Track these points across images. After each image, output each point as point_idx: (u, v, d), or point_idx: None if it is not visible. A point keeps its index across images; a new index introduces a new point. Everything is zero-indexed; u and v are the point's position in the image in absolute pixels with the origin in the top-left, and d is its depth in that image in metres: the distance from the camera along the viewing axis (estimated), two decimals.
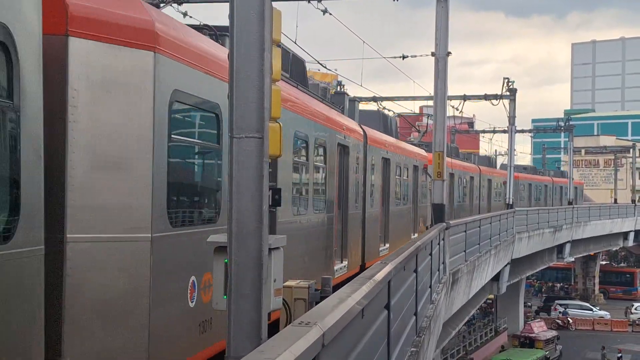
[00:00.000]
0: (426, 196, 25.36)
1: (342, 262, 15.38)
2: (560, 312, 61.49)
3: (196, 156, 8.61)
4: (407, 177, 23.16)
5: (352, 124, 17.21)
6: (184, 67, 7.50)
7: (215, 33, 9.57)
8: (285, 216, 11.17)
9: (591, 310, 62.14)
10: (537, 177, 59.84)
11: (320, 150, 13.73)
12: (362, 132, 17.68)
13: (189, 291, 7.44)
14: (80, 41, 6.52)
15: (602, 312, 61.67)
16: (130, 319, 6.70)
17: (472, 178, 38.79)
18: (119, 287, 6.68)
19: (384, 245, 19.61)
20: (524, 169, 59.02)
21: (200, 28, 9.47)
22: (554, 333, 51.53)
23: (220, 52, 8.51)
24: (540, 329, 51.13)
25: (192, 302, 7.50)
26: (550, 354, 48.63)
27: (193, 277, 7.53)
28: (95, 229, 6.59)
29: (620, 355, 46.95)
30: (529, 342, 49.33)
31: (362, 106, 27.31)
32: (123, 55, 6.78)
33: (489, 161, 52.03)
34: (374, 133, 19.30)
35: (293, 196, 11.71)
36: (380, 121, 22.57)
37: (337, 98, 18.96)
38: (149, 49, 6.89)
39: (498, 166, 56.62)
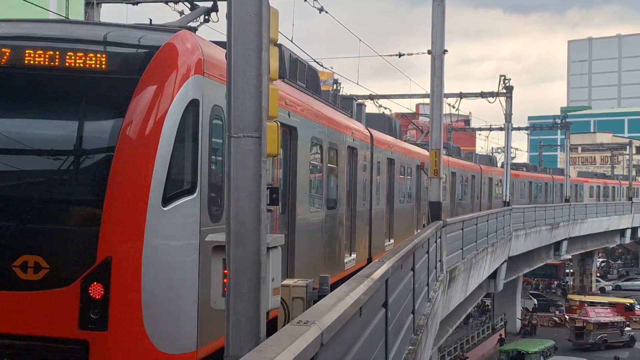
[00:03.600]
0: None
1: None
2: (557, 310, 61.54)
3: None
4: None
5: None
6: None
7: None
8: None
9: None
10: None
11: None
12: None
13: None
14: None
15: None
16: None
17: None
18: None
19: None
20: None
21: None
22: (619, 319, 52.35)
23: None
24: (599, 314, 52.07)
25: None
26: (611, 338, 50.10)
27: None
28: None
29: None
30: (581, 326, 51.01)
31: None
32: None
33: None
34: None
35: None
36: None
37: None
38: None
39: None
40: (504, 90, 36.77)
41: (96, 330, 6.69)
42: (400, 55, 28.99)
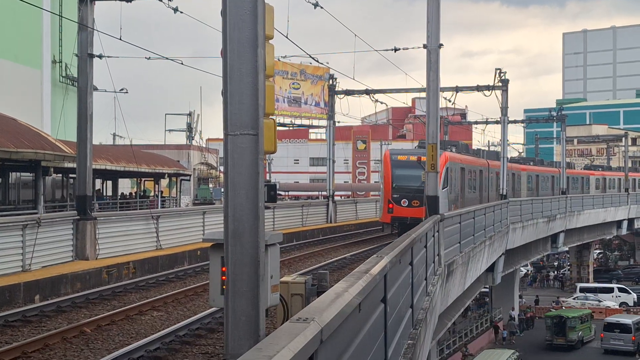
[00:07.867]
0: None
1: None
2: (554, 302, 61.67)
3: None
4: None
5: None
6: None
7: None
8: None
9: None
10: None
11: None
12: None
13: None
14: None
15: None
16: None
17: None
18: None
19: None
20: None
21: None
22: None
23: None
24: None
25: None
26: None
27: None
28: None
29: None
30: None
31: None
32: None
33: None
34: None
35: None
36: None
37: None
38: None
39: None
40: (500, 84, 36.82)
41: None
42: (395, 49, 29.00)
